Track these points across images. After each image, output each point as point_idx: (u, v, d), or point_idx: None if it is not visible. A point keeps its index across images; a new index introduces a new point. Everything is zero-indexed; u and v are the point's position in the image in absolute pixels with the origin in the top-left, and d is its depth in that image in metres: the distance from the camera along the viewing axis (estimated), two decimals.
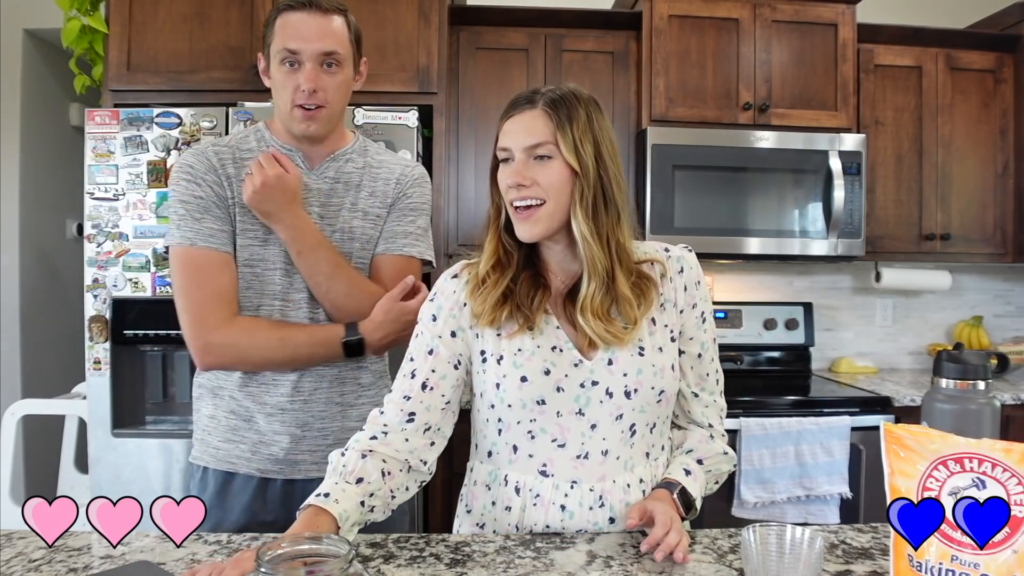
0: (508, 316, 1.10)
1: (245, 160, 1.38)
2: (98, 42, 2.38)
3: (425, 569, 0.97)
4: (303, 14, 1.30)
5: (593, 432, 1.10)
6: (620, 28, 2.69)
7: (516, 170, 1.07)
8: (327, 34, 1.31)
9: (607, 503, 1.10)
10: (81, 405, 2.41)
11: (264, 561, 0.72)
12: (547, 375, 1.09)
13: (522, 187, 1.06)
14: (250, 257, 1.36)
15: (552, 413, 1.09)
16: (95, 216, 2.15)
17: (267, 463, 1.38)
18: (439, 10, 2.39)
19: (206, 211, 1.33)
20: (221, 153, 1.38)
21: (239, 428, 1.39)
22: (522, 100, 1.10)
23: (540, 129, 1.07)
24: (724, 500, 2.32)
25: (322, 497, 0.99)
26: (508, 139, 1.09)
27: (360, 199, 1.42)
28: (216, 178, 1.35)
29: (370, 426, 1.12)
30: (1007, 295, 3.23)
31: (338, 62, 1.34)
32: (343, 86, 1.37)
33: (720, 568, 0.98)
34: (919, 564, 0.83)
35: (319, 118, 1.35)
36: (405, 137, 2.16)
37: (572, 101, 1.08)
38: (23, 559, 1.00)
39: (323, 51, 1.31)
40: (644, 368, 1.10)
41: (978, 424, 1.02)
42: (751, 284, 3.08)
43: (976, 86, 2.84)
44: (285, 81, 1.33)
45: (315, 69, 1.31)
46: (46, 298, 3.30)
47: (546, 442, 1.10)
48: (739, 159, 2.61)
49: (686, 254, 1.19)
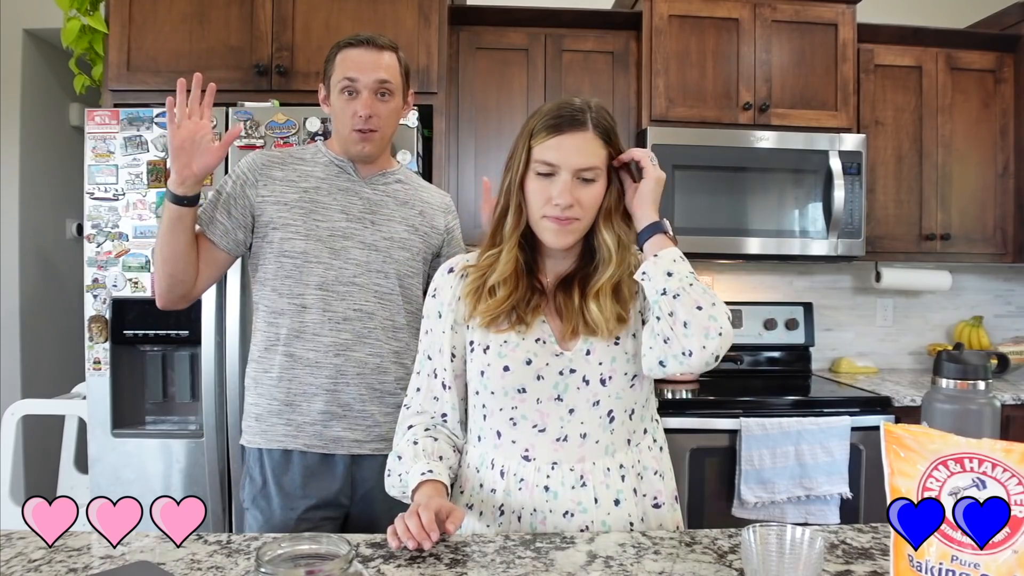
0: (504, 319, 1.16)
1: (296, 165, 1.56)
2: (98, 42, 2.38)
3: (425, 569, 0.97)
4: (361, 50, 1.50)
5: (571, 416, 1.15)
6: (620, 28, 2.69)
7: (566, 190, 1.10)
8: (381, 67, 1.50)
9: (589, 483, 1.14)
10: (81, 405, 2.41)
11: (264, 561, 0.72)
12: (528, 365, 1.14)
13: (569, 207, 1.10)
14: (291, 249, 1.51)
15: (532, 400, 1.15)
16: (95, 216, 2.15)
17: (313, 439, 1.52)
18: (439, 10, 2.39)
19: (224, 205, 1.52)
20: (273, 157, 1.57)
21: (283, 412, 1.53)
22: (572, 119, 1.12)
23: (593, 153, 1.12)
24: (724, 500, 2.32)
25: (429, 473, 1.10)
26: (558, 156, 1.11)
27: (410, 215, 1.60)
28: (254, 177, 1.53)
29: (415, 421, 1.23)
30: (1007, 295, 3.23)
31: (390, 91, 1.52)
32: (393, 114, 1.55)
33: (720, 568, 0.98)
34: (919, 564, 0.83)
35: (372, 140, 1.52)
36: (405, 137, 2.16)
37: (611, 122, 1.16)
38: (23, 559, 1.00)
39: (378, 80, 1.49)
40: (618, 356, 1.15)
41: (978, 424, 1.02)
42: (751, 284, 3.08)
43: (976, 86, 2.84)
44: (345, 108, 1.51)
45: (371, 97, 1.49)
46: (46, 298, 3.30)
47: (527, 428, 1.16)
48: (739, 159, 2.61)
49: None
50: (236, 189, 1.53)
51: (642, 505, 1.18)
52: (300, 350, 1.51)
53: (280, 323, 1.52)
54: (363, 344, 1.52)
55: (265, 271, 1.54)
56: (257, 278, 1.57)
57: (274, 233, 1.52)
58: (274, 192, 1.53)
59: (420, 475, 1.10)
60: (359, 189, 1.57)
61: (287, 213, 1.52)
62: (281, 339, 1.52)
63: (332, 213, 1.53)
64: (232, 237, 1.53)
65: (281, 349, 1.52)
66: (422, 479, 1.10)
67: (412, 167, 2.21)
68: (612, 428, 1.16)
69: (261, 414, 1.54)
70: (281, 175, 1.54)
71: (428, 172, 2.40)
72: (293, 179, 1.54)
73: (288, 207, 1.52)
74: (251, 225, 1.54)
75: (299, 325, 1.51)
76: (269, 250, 1.53)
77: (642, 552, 1.03)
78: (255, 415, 1.55)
